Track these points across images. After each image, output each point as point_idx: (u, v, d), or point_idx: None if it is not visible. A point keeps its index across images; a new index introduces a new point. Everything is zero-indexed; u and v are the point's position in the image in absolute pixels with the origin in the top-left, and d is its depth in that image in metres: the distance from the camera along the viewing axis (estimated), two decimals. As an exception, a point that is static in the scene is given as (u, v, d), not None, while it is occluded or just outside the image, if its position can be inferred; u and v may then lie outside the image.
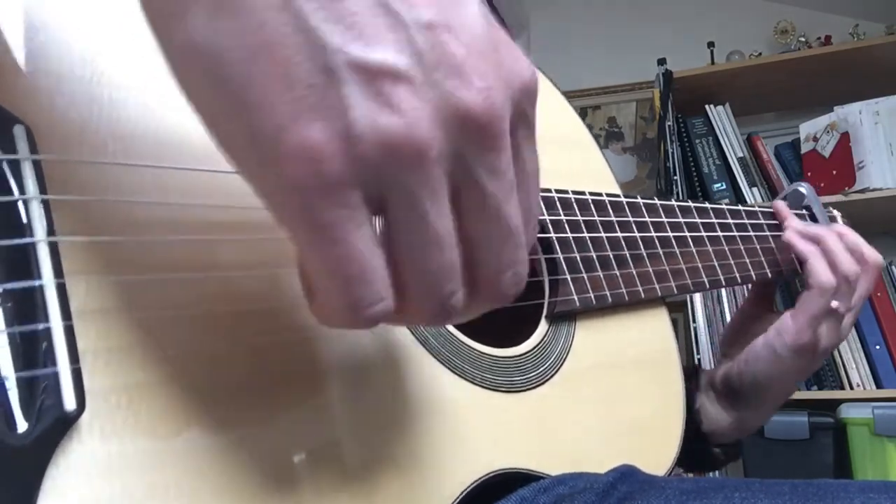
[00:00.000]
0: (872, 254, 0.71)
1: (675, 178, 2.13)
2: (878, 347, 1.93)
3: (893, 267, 2.02)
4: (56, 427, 0.26)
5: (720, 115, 2.21)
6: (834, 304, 0.66)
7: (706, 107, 2.21)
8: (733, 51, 2.28)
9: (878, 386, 1.91)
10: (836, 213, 0.86)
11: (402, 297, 0.26)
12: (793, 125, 2.25)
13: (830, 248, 0.68)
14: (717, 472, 2.00)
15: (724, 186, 2.16)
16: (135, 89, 0.33)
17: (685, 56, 2.24)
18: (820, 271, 0.67)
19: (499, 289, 0.28)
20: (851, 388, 1.93)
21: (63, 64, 0.31)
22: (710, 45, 2.28)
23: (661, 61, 2.22)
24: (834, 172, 2.04)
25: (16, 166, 0.27)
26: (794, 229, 0.72)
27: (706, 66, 2.23)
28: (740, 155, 2.17)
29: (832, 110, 2.08)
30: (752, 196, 2.12)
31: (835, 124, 2.06)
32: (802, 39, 2.22)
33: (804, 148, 2.14)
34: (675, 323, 0.75)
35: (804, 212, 0.81)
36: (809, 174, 2.11)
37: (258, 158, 0.23)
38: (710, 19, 2.45)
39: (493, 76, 0.24)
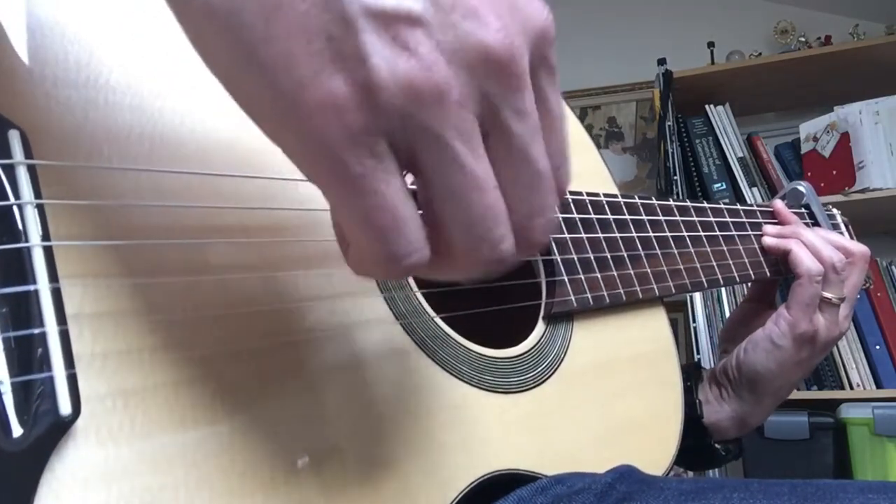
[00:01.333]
0: (857, 246, 0.72)
1: (675, 178, 2.12)
2: (878, 347, 1.93)
3: (893, 267, 2.02)
4: (51, 432, 0.26)
5: (720, 115, 2.21)
6: (826, 294, 0.67)
7: (706, 107, 2.21)
8: (733, 51, 2.28)
9: (878, 386, 1.91)
10: (835, 211, 0.86)
11: (451, 249, 0.26)
12: (793, 125, 2.25)
13: (808, 239, 0.70)
14: (716, 472, 2.01)
15: (724, 186, 2.16)
16: (130, 93, 0.33)
17: (685, 56, 2.23)
18: (803, 258, 0.68)
19: (530, 236, 0.27)
20: (851, 388, 1.93)
21: (59, 67, 0.31)
22: (710, 45, 2.28)
23: (661, 61, 2.22)
24: (834, 172, 2.04)
25: (10, 171, 0.27)
26: (769, 234, 0.74)
27: (706, 66, 2.23)
28: (740, 155, 2.17)
29: (832, 110, 2.08)
30: (752, 196, 2.11)
31: (835, 124, 2.06)
32: (802, 39, 2.22)
33: (804, 148, 2.14)
34: (674, 323, 0.75)
35: (803, 210, 0.81)
36: (809, 174, 2.11)
37: (282, 115, 0.23)
38: (710, 19, 2.45)
39: (509, 17, 0.24)
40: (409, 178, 0.25)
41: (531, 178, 0.26)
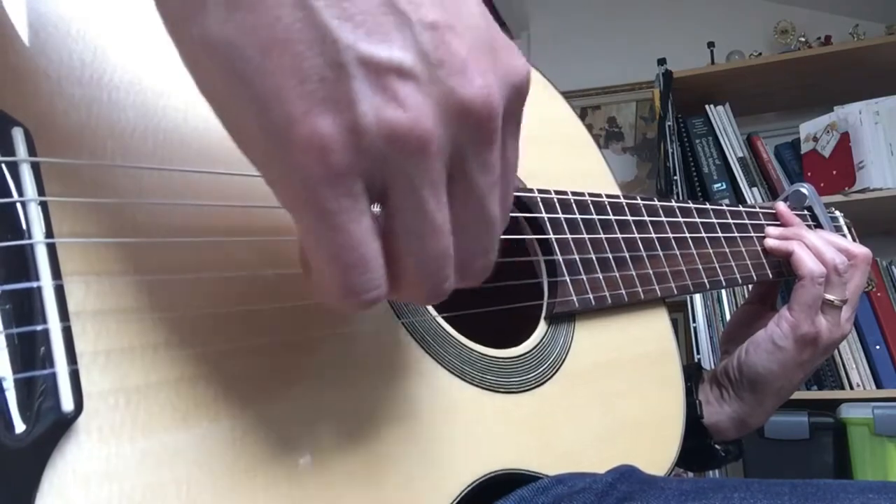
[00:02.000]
0: (859, 248, 0.72)
1: (675, 178, 2.12)
2: (878, 347, 1.93)
3: (893, 267, 2.02)
4: (54, 428, 0.26)
5: (720, 115, 2.21)
6: (828, 296, 0.67)
7: (706, 107, 2.21)
8: (733, 51, 2.28)
9: (878, 386, 1.91)
10: (837, 213, 0.86)
11: (399, 281, 0.28)
12: (793, 125, 2.25)
13: (810, 241, 0.70)
14: (717, 472, 2.01)
15: (724, 186, 2.16)
16: (133, 90, 0.33)
17: (685, 56, 2.24)
18: (805, 260, 0.68)
19: (471, 273, 0.29)
20: (851, 388, 1.93)
21: (62, 65, 0.31)
22: (710, 45, 2.28)
23: (661, 61, 2.22)
24: (834, 172, 2.04)
25: (14, 168, 0.27)
26: (771, 235, 0.74)
27: (706, 66, 2.23)
28: (740, 155, 2.17)
29: (832, 110, 2.08)
30: (752, 196, 2.12)
31: (835, 124, 2.06)
32: (802, 39, 2.22)
33: (804, 148, 2.14)
34: (675, 323, 0.75)
35: (805, 212, 0.81)
36: (809, 174, 2.11)
37: (269, 148, 0.24)
38: (710, 19, 2.45)
39: (492, 74, 0.26)
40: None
41: (484, 223, 0.28)
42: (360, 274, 0.26)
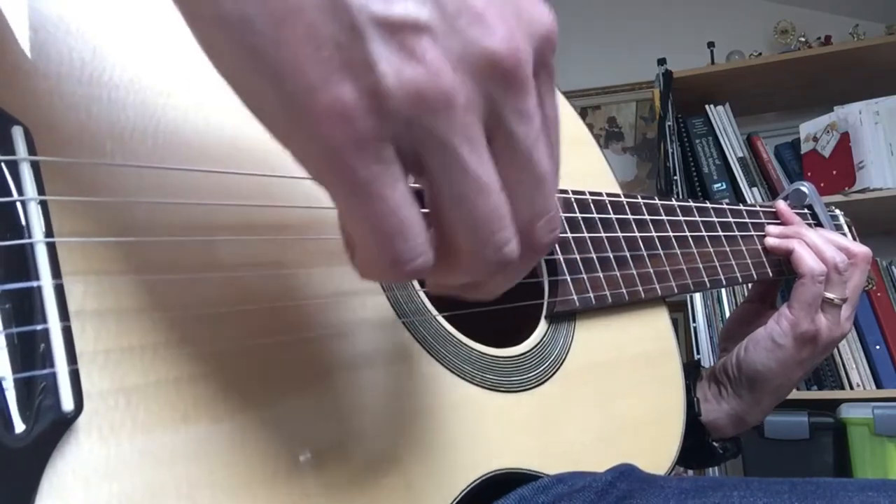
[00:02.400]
0: (859, 247, 0.72)
1: (675, 178, 2.12)
2: (878, 347, 1.93)
3: (893, 267, 2.02)
4: (54, 428, 0.26)
5: (720, 115, 2.21)
6: (828, 294, 0.67)
7: (706, 107, 2.21)
8: (733, 51, 2.28)
9: (878, 386, 1.91)
10: (838, 212, 0.86)
11: (456, 254, 0.26)
12: (793, 125, 2.25)
13: (811, 240, 0.70)
14: (716, 471, 2.00)
15: (724, 186, 2.16)
16: (133, 90, 0.33)
17: (685, 56, 2.24)
18: (805, 258, 0.68)
19: (534, 238, 0.28)
20: (851, 388, 1.93)
21: (62, 64, 0.31)
22: (710, 45, 2.28)
23: (661, 61, 2.22)
24: (834, 172, 2.04)
25: (14, 167, 0.27)
26: (771, 234, 0.74)
27: (706, 66, 2.23)
28: (740, 155, 2.17)
29: (832, 110, 2.08)
30: (752, 196, 2.12)
31: (835, 124, 2.06)
32: (802, 39, 2.22)
33: (804, 148, 2.14)
34: (675, 323, 0.75)
35: (805, 211, 0.81)
36: (809, 174, 2.11)
37: (292, 121, 0.24)
38: (710, 19, 2.45)
39: (514, 22, 0.25)
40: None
41: (534, 181, 0.27)
42: (403, 241, 0.25)
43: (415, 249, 0.25)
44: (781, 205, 0.76)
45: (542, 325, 0.52)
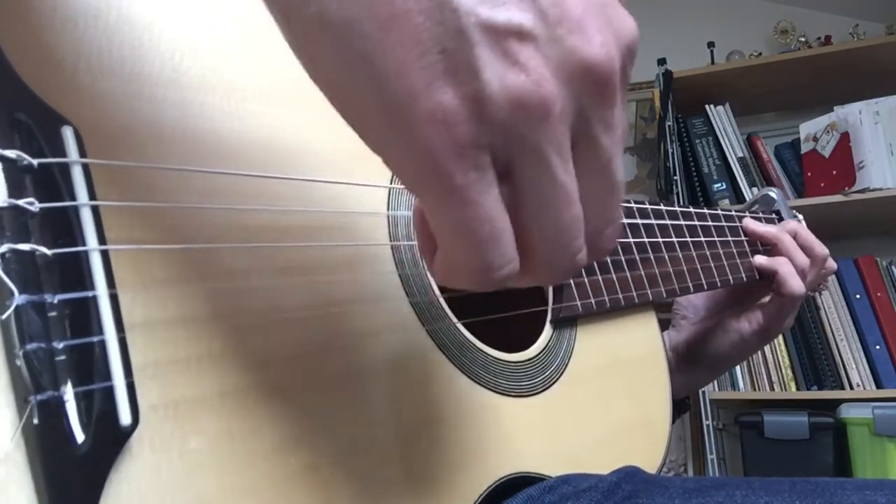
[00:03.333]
0: (822, 250, 0.78)
1: (675, 178, 2.13)
2: (878, 347, 1.93)
3: (893, 267, 2.02)
4: (113, 441, 0.25)
5: (720, 115, 2.21)
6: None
7: (706, 107, 2.21)
8: (733, 51, 2.28)
9: (878, 386, 1.91)
10: (799, 216, 0.90)
11: (531, 257, 0.26)
12: (793, 125, 2.25)
13: (790, 252, 0.76)
14: (717, 471, 2.01)
15: (724, 186, 2.17)
16: (173, 87, 0.32)
17: (685, 56, 2.24)
18: (793, 284, 0.73)
19: (602, 244, 0.28)
20: (851, 388, 1.93)
21: (102, 59, 0.30)
22: (710, 45, 2.28)
23: (661, 61, 2.22)
24: (834, 172, 2.04)
25: (66, 170, 0.26)
26: (760, 253, 0.79)
27: (706, 66, 2.23)
28: (740, 155, 2.17)
29: (832, 110, 2.08)
30: (752, 196, 2.11)
31: (835, 124, 2.06)
32: (802, 39, 2.22)
33: (804, 148, 2.14)
34: (666, 323, 0.78)
35: (773, 216, 0.86)
36: (809, 174, 2.11)
37: (390, 126, 0.23)
38: (710, 19, 2.45)
39: (607, 30, 0.25)
40: None
41: (609, 189, 0.27)
42: (495, 248, 0.25)
43: (504, 256, 0.25)
44: (751, 225, 0.78)
45: (548, 330, 0.52)
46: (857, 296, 1.98)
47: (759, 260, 0.76)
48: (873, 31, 2.17)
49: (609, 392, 0.55)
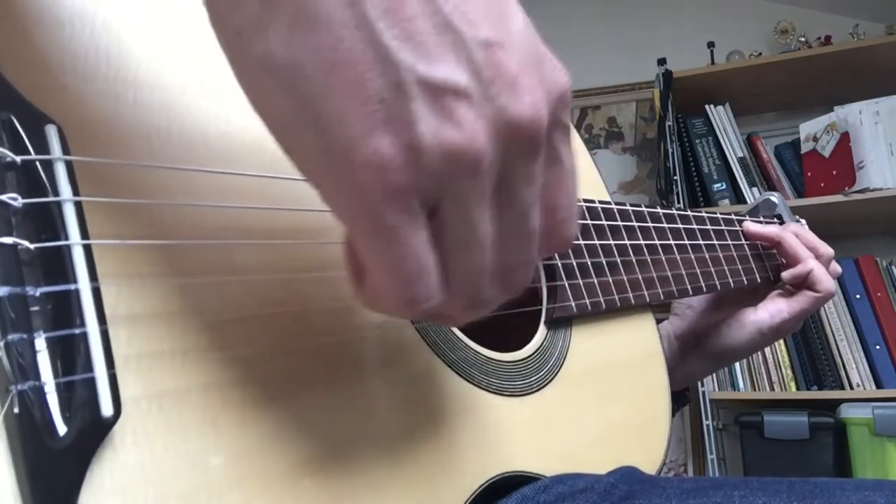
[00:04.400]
0: (827, 250, 0.78)
1: (675, 178, 2.13)
2: (878, 347, 1.93)
3: (893, 267, 2.02)
4: (94, 433, 0.26)
5: (720, 115, 2.21)
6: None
7: (706, 107, 2.21)
8: (733, 51, 2.28)
9: (878, 386, 1.91)
10: (802, 220, 0.90)
11: (447, 291, 0.28)
12: (793, 125, 2.25)
13: (795, 249, 0.76)
14: (716, 471, 2.01)
15: (724, 186, 2.17)
16: (157, 88, 0.33)
17: (685, 56, 2.24)
18: (827, 281, 0.74)
19: (510, 283, 0.30)
20: (851, 388, 1.93)
21: (88, 61, 0.31)
22: (710, 45, 2.28)
23: (661, 61, 2.22)
24: (834, 172, 2.04)
25: (49, 167, 0.27)
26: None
27: (706, 66, 2.23)
28: (740, 155, 2.17)
29: (832, 110, 2.08)
30: (752, 196, 2.12)
31: (835, 124, 2.06)
32: (802, 39, 2.22)
33: (804, 148, 2.14)
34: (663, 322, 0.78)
35: (774, 220, 0.86)
36: (809, 174, 2.11)
37: (329, 167, 0.24)
38: (710, 19, 2.45)
39: (538, 89, 0.26)
40: None
41: (525, 235, 0.28)
42: (419, 284, 0.26)
43: (429, 291, 0.27)
44: (753, 228, 0.79)
45: (542, 330, 0.52)
46: (857, 296, 1.98)
47: (788, 273, 0.77)
48: (873, 31, 2.17)
49: (605, 392, 0.55)
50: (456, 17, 0.24)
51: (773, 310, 0.74)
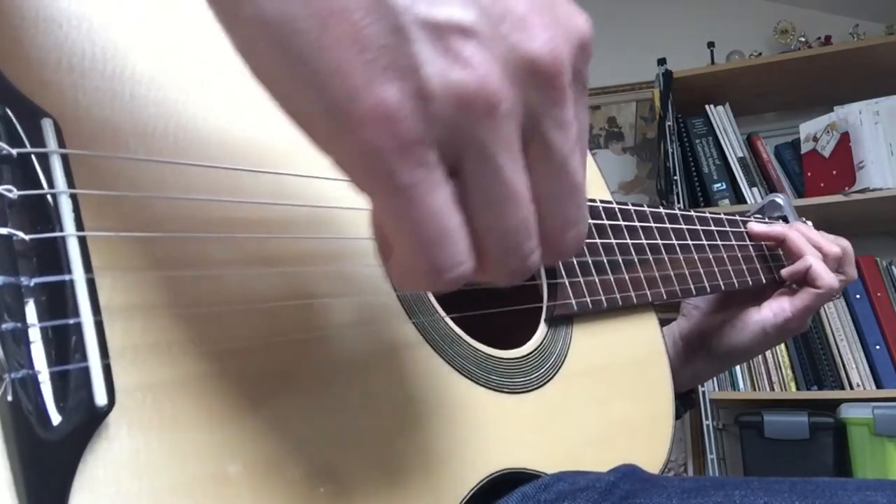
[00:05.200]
0: (832, 248, 0.77)
1: (675, 178, 2.13)
2: (878, 347, 1.93)
3: (893, 267, 2.02)
4: (88, 422, 0.26)
5: (720, 115, 2.21)
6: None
7: (706, 107, 2.21)
8: (733, 51, 2.28)
9: (878, 386, 1.91)
10: (808, 222, 0.89)
11: (482, 257, 0.26)
12: (793, 125, 2.25)
13: (800, 247, 0.75)
14: (716, 471, 2.01)
15: (724, 186, 2.17)
16: (153, 86, 0.33)
17: (685, 56, 2.24)
18: (827, 277, 0.72)
19: (562, 246, 0.28)
20: (851, 388, 1.93)
21: (85, 59, 0.31)
22: (710, 45, 2.28)
23: (661, 61, 2.22)
24: (834, 172, 2.04)
25: (44, 160, 0.27)
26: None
27: (706, 66, 2.23)
28: (740, 155, 2.17)
29: (832, 110, 2.08)
30: (752, 196, 2.12)
31: (835, 124, 2.06)
32: (802, 39, 2.22)
33: (804, 148, 2.14)
34: (668, 323, 0.78)
35: (780, 221, 0.85)
36: (809, 174, 2.11)
37: (333, 125, 0.23)
38: (710, 19, 2.45)
39: (554, 27, 0.24)
40: None
41: (568, 190, 0.26)
42: (444, 248, 0.24)
43: (456, 257, 0.25)
44: (757, 228, 0.78)
45: (542, 328, 0.52)
46: (857, 296, 1.98)
47: (787, 270, 0.76)
48: (873, 31, 2.17)
49: (606, 391, 0.55)
50: None
51: (776, 308, 0.74)
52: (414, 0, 0.22)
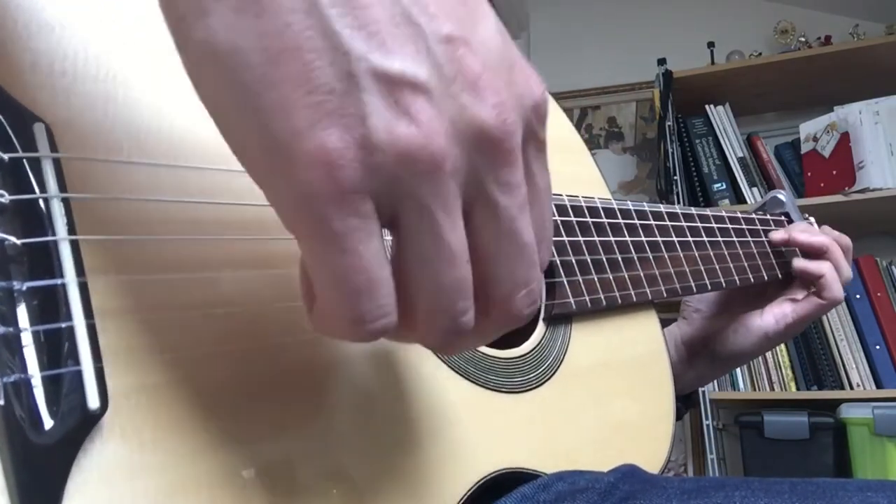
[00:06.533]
0: (844, 240, 0.78)
1: (675, 178, 2.13)
2: (878, 347, 1.93)
3: (893, 267, 2.02)
4: (81, 426, 0.26)
5: (720, 115, 2.21)
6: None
7: (706, 107, 2.21)
8: (733, 51, 2.28)
9: (878, 386, 1.91)
10: (811, 219, 0.89)
11: (412, 313, 0.26)
12: (793, 125, 2.25)
13: (838, 261, 0.75)
14: (716, 472, 2.01)
15: (724, 186, 2.17)
16: (148, 89, 0.33)
17: (685, 56, 2.24)
18: (836, 289, 0.74)
19: (512, 308, 0.27)
20: (851, 388, 1.93)
21: (77, 63, 0.31)
22: (710, 45, 2.28)
23: (661, 61, 2.22)
24: (834, 172, 2.04)
25: (36, 164, 0.27)
26: (800, 258, 0.77)
27: (706, 66, 2.23)
28: (740, 155, 2.17)
29: (832, 110, 2.08)
30: (752, 196, 2.12)
31: (835, 124, 2.06)
32: (802, 39, 2.22)
33: (804, 148, 2.14)
34: (669, 323, 0.78)
35: (782, 218, 0.85)
36: (809, 174, 2.11)
37: (272, 163, 0.23)
38: (710, 19, 2.45)
39: (506, 93, 0.24)
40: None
41: (515, 250, 0.26)
42: (369, 299, 0.24)
43: (380, 309, 0.24)
44: (801, 237, 0.77)
45: (541, 328, 0.52)
46: (857, 296, 1.98)
47: (801, 264, 0.76)
48: (873, 31, 2.17)
49: (606, 390, 0.55)
50: (416, 9, 0.23)
51: (778, 314, 0.74)
52: (369, 48, 0.22)
